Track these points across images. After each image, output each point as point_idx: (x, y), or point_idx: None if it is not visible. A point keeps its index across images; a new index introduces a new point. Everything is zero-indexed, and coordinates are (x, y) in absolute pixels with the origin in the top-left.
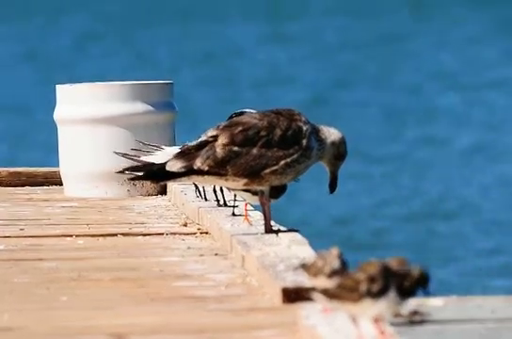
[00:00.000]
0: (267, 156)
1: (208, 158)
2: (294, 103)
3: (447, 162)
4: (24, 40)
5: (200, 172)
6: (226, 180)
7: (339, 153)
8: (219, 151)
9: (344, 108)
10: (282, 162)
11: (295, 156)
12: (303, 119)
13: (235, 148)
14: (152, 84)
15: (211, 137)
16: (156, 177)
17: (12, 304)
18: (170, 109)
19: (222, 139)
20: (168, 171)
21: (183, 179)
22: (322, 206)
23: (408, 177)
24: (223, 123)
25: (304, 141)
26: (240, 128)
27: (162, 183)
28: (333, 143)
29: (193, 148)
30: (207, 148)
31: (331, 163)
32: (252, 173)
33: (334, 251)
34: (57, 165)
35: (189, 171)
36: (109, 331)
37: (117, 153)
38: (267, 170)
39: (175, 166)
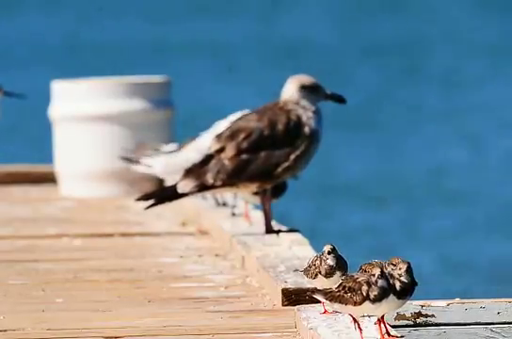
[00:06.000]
0: (276, 155)
1: (219, 172)
2: None
3: None
4: None
5: (212, 187)
6: (237, 188)
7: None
8: (228, 163)
9: None
10: (292, 156)
11: (303, 147)
12: (293, 106)
13: (244, 156)
14: (149, 81)
15: (215, 150)
16: (171, 200)
17: (7, 306)
18: (168, 107)
19: (229, 151)
20: (182, 193)
21: (194, 195)
22: None
23: None
24: (224, 133)
25: (306, 129)
26: (243, 135)
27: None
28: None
29: (198, 163)
30: (214, 161)
31: None
32: (265, 176)
33: (327, 249)
34: (52, 163)
35: (203, 189)
36: (106, 334)
37: (120, 158)
38: (280, 169)
39: (187, 187)
